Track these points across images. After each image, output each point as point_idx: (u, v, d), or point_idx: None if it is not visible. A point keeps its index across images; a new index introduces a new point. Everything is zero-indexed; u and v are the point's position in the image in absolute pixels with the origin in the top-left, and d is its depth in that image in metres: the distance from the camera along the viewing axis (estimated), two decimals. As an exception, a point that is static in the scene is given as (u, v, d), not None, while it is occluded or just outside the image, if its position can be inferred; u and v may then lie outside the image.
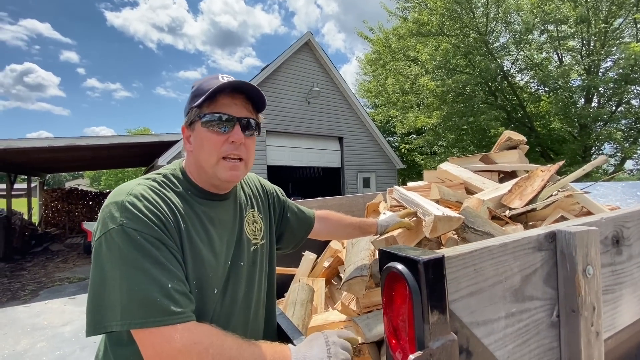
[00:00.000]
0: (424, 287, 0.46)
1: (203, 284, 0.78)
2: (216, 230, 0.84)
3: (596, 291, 0.69)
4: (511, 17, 11.67)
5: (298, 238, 1.20)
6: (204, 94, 0.79)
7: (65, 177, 51.09)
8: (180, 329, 0.64)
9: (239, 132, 0.82)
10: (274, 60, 10.32)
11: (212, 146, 0.81)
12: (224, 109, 0.81)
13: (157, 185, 0.79)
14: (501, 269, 0.62)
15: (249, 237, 0.94)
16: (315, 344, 0.72)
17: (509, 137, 1.96)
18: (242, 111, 0.84)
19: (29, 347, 3.73)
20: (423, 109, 13.84)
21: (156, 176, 0.83)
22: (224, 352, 0.64)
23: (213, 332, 0.67)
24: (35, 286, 6.18)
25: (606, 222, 0.80)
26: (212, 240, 0.82)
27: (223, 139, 0.81)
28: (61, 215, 13.36)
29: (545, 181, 1.46)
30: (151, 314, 0.63)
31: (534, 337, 0.66)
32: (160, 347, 0.62)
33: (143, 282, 0.64)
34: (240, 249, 0.90)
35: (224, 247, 0.85)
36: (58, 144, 7.11)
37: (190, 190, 0.84)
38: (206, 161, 0.82)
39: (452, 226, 1.18)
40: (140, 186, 0.76)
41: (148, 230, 0.69)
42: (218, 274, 0.81)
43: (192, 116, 0.83)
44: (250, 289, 0.92)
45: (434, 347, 0.46)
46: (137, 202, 0.72)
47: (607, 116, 10.35)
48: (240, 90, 0.84)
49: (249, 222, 0.97)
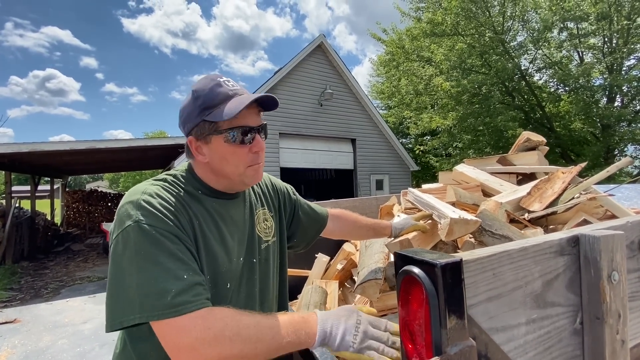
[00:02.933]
0: (442, 291, 0.45)
1: (216, 279, 0.80)
2: (227, 227, 0.86)
3: (622, 298, 0.67)
4: (529, 15, 11.40)
5: (310, 237, 1.20)
6: (215, 106, 0.79)
7: (86, 179, 52.77)
8: (194, 317, 0.64)
9: (260, 141, 0.85)
10: (287, 64, 10.39)
11: (239, 160, 0.83)
12: (244, 122, 0.81)
13: (168, 185, 0.82)
14: (521, 273, 0.60)
15: (259, 234, 0.96)
16: (344, 321, 0.69)
17: (527, 138, 1.91)
18: (258, 119, 0.85)
19: (51, 344, 3.86)
20: (437, 109, 13.66)
21: (166, 177, 0.85)
22: (241, 331, 0.64)
23: (227, 314, 0.67)
24: (57, 284, 6.39)
25: (632, 226, 0.77)
26: (223, 236, 0.84)
27: (247, 150, 0.83)
28: (82, 216, 13.79)
29: (567, 183, 1.42)
30: (168, 306, 0.63)
31: (556, 345, 0.64)
32: (179, 338, 0.63)
33: (159, 275, 0.65)
34: (252, 246, 0.92)
35: (236, 244, 0.87)
36: (79, 147, 7.37)
37: (201, 190, 0.86)
38: (233, 173, 0.84)
39: (468, 229, 1.16)
40: (154, 186, 0.79)
41: (163, 225, 0.71)
42: (231, 269, 0.83)
43: (207, 130, 0.81)
44: (266, 285, 0.94)
45: (451, 352, 0.45)
46: (152, 200, 0.74)
47: (631, 116, 9.96)
48: (256, 101, 0.84)
49: (260, 220, 0.98)
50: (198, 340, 0.62)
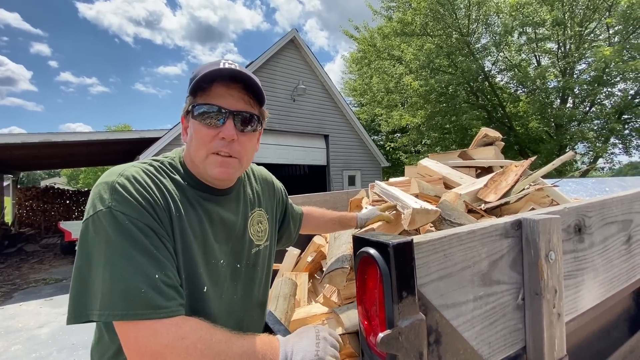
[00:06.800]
0: (394, 269, 0.49)
1: (192, 280, 0.73)
2: (212, 226, 0.79)
3: (558, 275, 0.74)
4: (491, 19, 11.98)
5: (291, 239, 1.19)
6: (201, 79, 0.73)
7: (41, 175, 49.10)
8: (167, 323, 0.60)
9: (231, 127, 0.75)
10: (258, 57, 10.23)
11: (201, 140, 0.75)
12: (216, 99, 0.74)
13: (152, 170, 0.74)
14: (470, 254, 0.65)
15: (251, 238, 0.89)
16: (305, 336, 0.69)
17: (485, 134, 2.03)
18: (238, 103, 0.76)
19: (3, 350, 3.59)
20: (407, 107, 14.05)
21: (153, 162, 0.78)
22: (213, 345, 0.61)
23: (202, 327, 0.63)
24: (8, 288, 5.93)
25: (569, 211, 0.85)
26: (205, 235, 0.77)
27: (213, 134, 0.75)
28: (36, 214, 12.85)
29: (519, 176, 1.53)
30: (134, 306, 0.59)
31: (500, 319, 0.70)
32: (145, 342, 0.58)
33: (127, 271, 0.60)
34: (239, 250, 0.86)
35: (219, 245, 0.80)
36: (32, 140, 6.84)
37: (187, 181, 0.79)
38: (196, 155, 0.77)
39: (429, 219, 1.22)
40: (134, 168, 0.71)
41: (137, 215, 0.65)
42: (208, 272, 0.77)
43: (188, 105, 0.77)
44: (249, 291, 0.88)
45: (402, 325, 0.48)
46: (128, 185, 0.67)
47: (580, 116, 10.80)
48: (238, 79, 0.76)
49: (254, 222, 0.92)
50: (168, 348, 0.58)
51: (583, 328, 0.98)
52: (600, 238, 0.95)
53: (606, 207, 0.98)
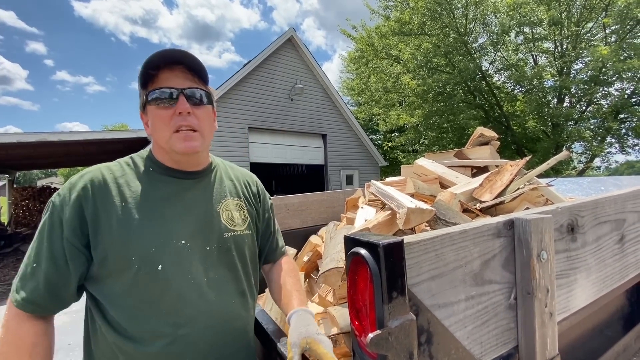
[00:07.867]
0: (384, 269, 0.49)
1: (145, 259, 0.78)
2: (173, 207, 0.85)
3: (550, 275, 0.74)
4: (489, 18, 12.00)
5: None
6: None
7: (37, 174, 48.84)
8: (14, 313, 0.74)
9: (184, 102, 0.83)
10: (256, 56, 10.20)
11: (161, 122, 0.83)
12: (164, 83, 0.83)
13: (117, 167, 0.85)
14: (462, 254, 0.65)
15: (224, 223, 0.92)
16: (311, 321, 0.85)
17: (481, 134, 2.04)
18: (185, 82, 0.84)
19: None
20: (405, 107, 14.06)
21: (125, 158, 0.89)
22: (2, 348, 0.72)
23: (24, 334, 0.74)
24: (4, 289, 5.90)
25: (562, 211, 0.86)
26: (163, 215, 0.83)
27: (171, 113, 0.82)
28: (33, 214, 12.78)
29: (514, 175, 1.53)
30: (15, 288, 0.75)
31: (492, 319, 0.70)
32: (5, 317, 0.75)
33: (29, 255, 0.76)
34: (208, 232, 0.88)
35: (182, 225, 0.84)
36: (28, 139, 6.79)
37: (152, 167, 0.88)
38: (161, 138, 0.84)
39: (424, 218, 1.22)
40: (103, 165, 0.84)
41: (62, 208, 0.76)
42: (164, 251, 0.80)
43: (142, 99, 0.85)
44: (223, 275, 0.88)
45: (392, 326, 0.48)
46: (78, 182, 0.79)
47: (577, 116, 10.84)
48: (178, 62, 0.84)
49: (228, 208, 0.95)
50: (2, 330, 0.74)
51: (576, 327, 0.98)
52: (593, 237, 0.95)
53: (599, 206, 0.98)
